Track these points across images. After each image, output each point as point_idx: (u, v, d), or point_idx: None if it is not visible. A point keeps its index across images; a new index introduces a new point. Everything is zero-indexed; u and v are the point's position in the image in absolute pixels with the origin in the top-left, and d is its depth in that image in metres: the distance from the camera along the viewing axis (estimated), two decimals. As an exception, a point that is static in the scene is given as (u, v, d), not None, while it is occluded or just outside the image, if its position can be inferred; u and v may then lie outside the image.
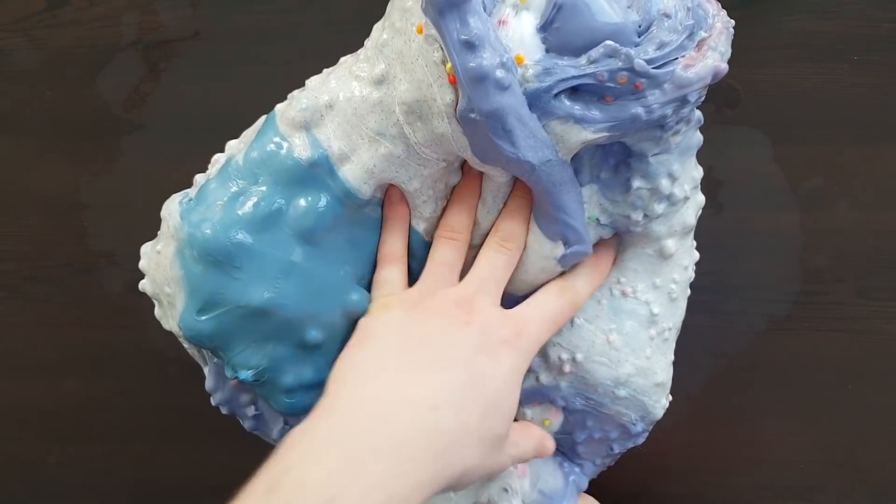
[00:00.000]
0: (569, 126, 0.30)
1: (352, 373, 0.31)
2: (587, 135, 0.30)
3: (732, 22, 0.30)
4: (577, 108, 0.29)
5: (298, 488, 0.25)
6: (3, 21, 0.47)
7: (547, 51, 0.29)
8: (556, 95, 0.29)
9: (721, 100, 0.44)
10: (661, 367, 0.37)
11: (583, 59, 0.29)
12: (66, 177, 0.48)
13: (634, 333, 0.36)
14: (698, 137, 0.34)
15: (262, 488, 0.26)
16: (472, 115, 0.29)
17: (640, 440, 0.39)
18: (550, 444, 0.36)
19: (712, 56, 0.29)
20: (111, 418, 0.50)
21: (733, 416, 0.45)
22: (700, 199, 0.36)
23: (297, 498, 0.25)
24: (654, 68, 0.28)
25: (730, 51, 0.30)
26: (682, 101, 0.29)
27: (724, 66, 0.29)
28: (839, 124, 0.44)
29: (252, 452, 0.48)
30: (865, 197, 0.44)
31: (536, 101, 0.29)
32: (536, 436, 0.35)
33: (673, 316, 0.37)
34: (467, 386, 0.29)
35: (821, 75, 0.43)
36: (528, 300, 0.34)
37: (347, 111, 0.32)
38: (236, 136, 0.47)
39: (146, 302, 0.49)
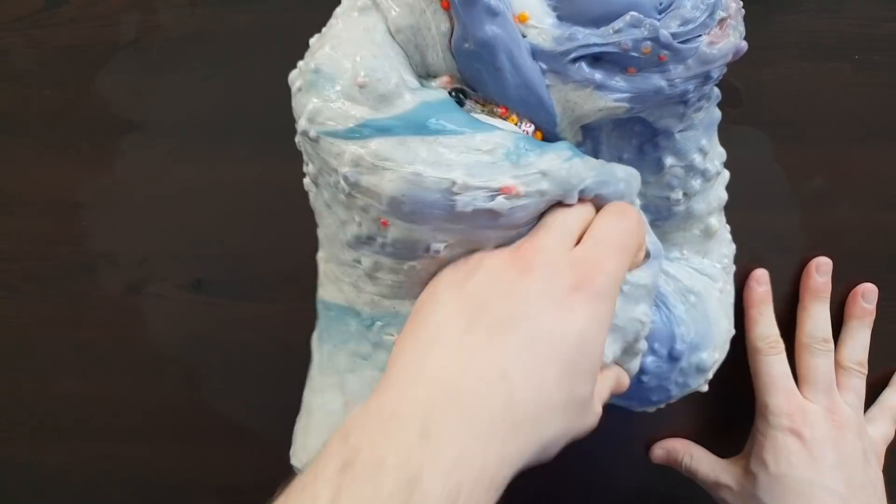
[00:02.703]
0: (586, 93, 0.29)
1: (410, 347, 0.27)
2: (606, 102, 0.29)
3: (741, 2, 0.30)
4: (597, 75, 0.29)
5: (376, 467, 0.22)
6: (1, 20, 0.47)
7: (559, 18, 0.29)
8: (575, 61, 0.29)
9: (722, 99, 0.43)
10: (724, 323, 0.38)
11: (608, 29, 0.28)
12: (65, 177, 0.47)
13: (701, 277, 0.37)
14: (718, 113, 0.34)
15: (334, 467, 0.22)
16: (467, 46, 0.29)
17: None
18: (625, 381, 0.32)
19: (734, 34, 0.29)
20: (111, 418, 0.49)
21: (734, 415, 0.45)
22: (726, 174, 0.36)
23: (376, 477, 0.22)
24: (678, 43, 0.28)
25: (744, 30, 0.30)
26: (705, 77, 0.29)
27: (745, 45, 0.30)
28: (840, 124, 0.43)
29: (252, 453, 0.48)
30: (866, 197, 0.44)
31: (552, 61, 0.29)
32: (611, 376, 0.31)
33: (730, 283, 0.38)
34: (538, 346, 0.25)
35: (822, 75, 0.43)
36: (588, 231, 0.29)
37: None
38: (235, 136, 0.47)
39: (146, 302, 0.49)
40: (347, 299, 0.33)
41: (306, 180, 0.34)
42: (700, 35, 0.29)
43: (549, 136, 0.31)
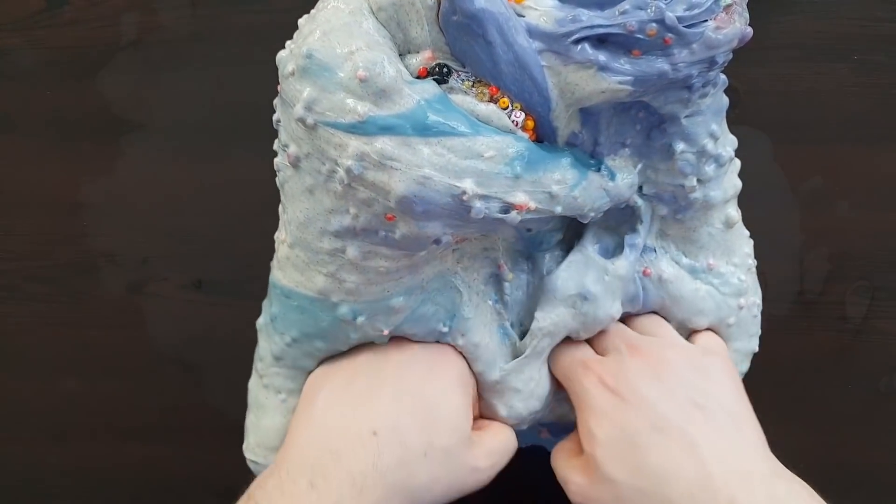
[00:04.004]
0: (589, 74, 0.29)
1: (304, 409, 0.33)
2: (609, 84, 0.29)
3: None
4: (601, 56, 0.28)
5: None
6: (2, 21, 0.46)
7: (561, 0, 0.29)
8: (578, 42, 0.28)
9: (722, 98, 0.43)
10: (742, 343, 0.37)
11: (613, 11, 0.28)
12: (66, 177, 0.47)
13: (722, 298, 0.36)
14: (726, 99, 0.33)
15: None
16: (455, 18, 0.28)
17: None
18: (513, 441, 0.35)
19: (739, 20, 0.29)
20: (111, 418, 0.49)
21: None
22: (738, 161, 0.36)
23: None
24: (683, 26, 0.28)
25: (748, 17, 0.30)
26: (710, 62, 0.29)
27: (750, 30, 0.29)
28: (839, 124, 0.43)
29: (252, 452, 0.48)
30: (865, 197, 0.43)
31: (552, 42, 0.28)
32: (497, 435, 0.35)
33: (757, 292, 0.37)
34: (401, 403, 0.31)
35: (821, 75, 0.43)
36: None
37: None
38: (236, 137, 0.47)
39: (146, 302, 0.49)
40: (320, 290, 0.32)
41: (278, 159, 0.33)
42: (706, 20, 0.28)
43: (542, 122, 0.30)
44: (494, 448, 0.34)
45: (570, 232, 0.36)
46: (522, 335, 0.36)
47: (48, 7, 0.46)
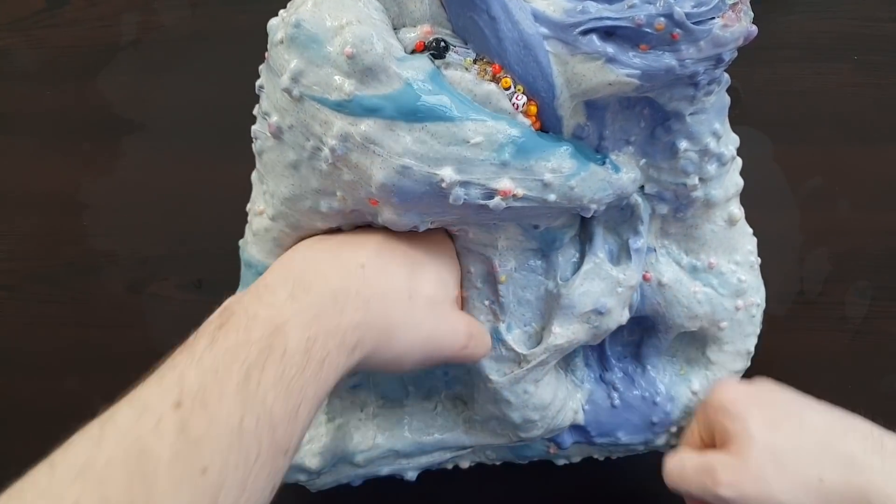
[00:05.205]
0: (597, 65, 0.28)
1: (298, 244, 0.32)
2: (617, 76, 0.28)
3: None
4: (609, 48, 0.28)
5: (248, 320, 0.25)
6: (2, 21, 0.45)
7: None
8: (586, 33, 0.28)
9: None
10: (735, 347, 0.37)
11: (623, 4, 0.28)
12: (66, 177, 0.46)
13: (719, 300, 0.36)
14: (728, 98, 0.33)
15: (213, 326, 0.26)
16: None
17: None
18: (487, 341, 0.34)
19: (745, 19, 0.29)
20: (111, 418, 0.49)
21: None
22: (739, 160, 0.35)
23: (247, 327, 0.25)
24: (691, 23, 0.28)
25: (752, 16, 0.30)
26: (717, 59, 0.29)
27: (755, 29, 0.29)
28: (839, 124, 0.43)
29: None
30: (865, 197, 0.43)
31: (560, 31, 0.28)
32: (484, 329, 0.34)
33: (759, 290, 0.37)
34: (389, 250, 0.30)
35: (821, 75, 0.43)
36: None
37: None
38: (236, 136, 0.46)
39: (146, 302, 0.48)
40: None
41: (256, 126, 0.32)
42: (714, 17, 0.28)
43: (545, 109, 0.30)
44: (476, 328, 0.33)
45: (582, 229, 0.36)
46: (529, 337, 0.35)
47: (48, 7, 0.46)
